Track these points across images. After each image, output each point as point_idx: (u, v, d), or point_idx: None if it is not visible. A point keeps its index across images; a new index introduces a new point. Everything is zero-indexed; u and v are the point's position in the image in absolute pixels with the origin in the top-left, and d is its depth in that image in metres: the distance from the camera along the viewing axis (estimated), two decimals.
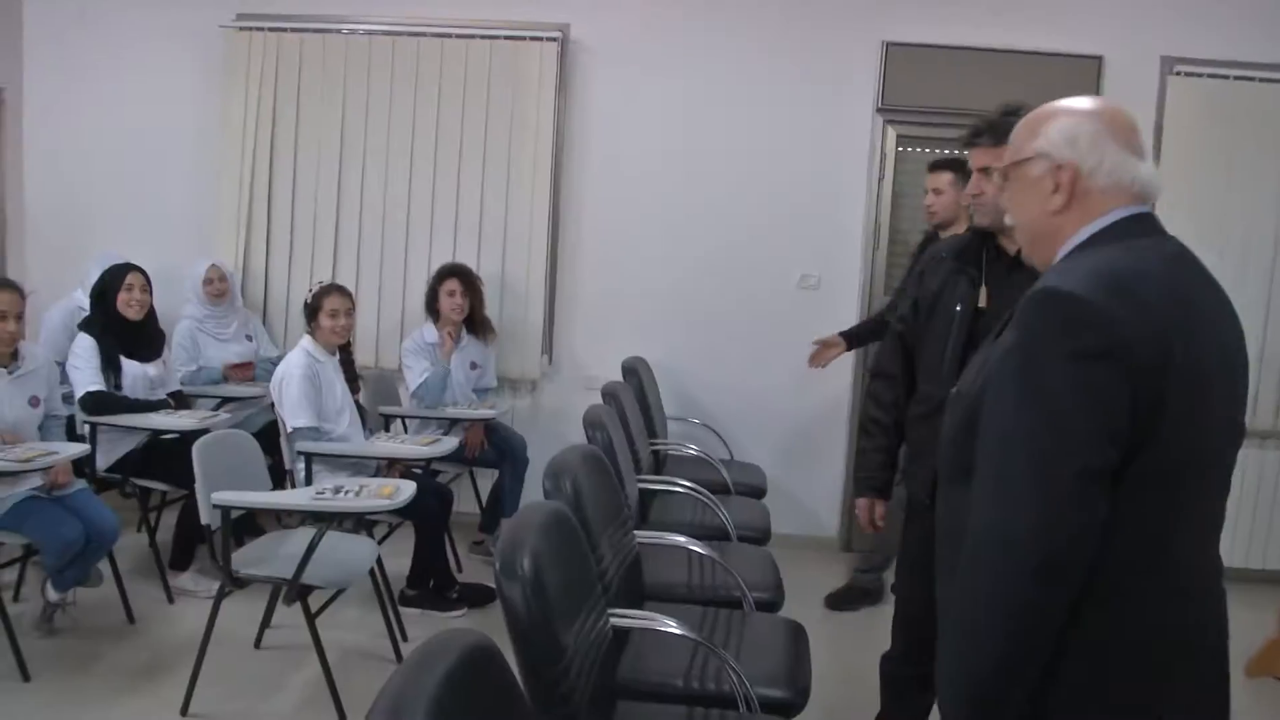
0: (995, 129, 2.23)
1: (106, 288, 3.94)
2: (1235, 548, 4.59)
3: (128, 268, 3.98)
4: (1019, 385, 1.32)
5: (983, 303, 2.35)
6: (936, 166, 3.91)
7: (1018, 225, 1.57)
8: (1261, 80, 4.48)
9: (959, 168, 3.84)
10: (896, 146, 4.73)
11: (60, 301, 4.50)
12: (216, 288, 4.56)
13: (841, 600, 4.18)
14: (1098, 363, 1.28)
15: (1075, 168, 1.44)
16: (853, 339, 4.22)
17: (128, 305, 3.92)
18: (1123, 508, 1.28)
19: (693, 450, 4.28)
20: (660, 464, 4.28)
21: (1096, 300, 1.29)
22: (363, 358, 4.83)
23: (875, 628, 2.78)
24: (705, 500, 3.51)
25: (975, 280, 2.37)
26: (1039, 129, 1.49)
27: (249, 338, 4.70)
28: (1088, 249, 1.43)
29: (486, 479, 4.67)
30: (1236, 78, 4.50)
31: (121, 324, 3.92)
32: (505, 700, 1.43)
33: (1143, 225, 1.45)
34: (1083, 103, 1.49)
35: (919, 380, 2.51)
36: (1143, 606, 1.34)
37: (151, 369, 4.00)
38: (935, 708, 1.81)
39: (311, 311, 3.78)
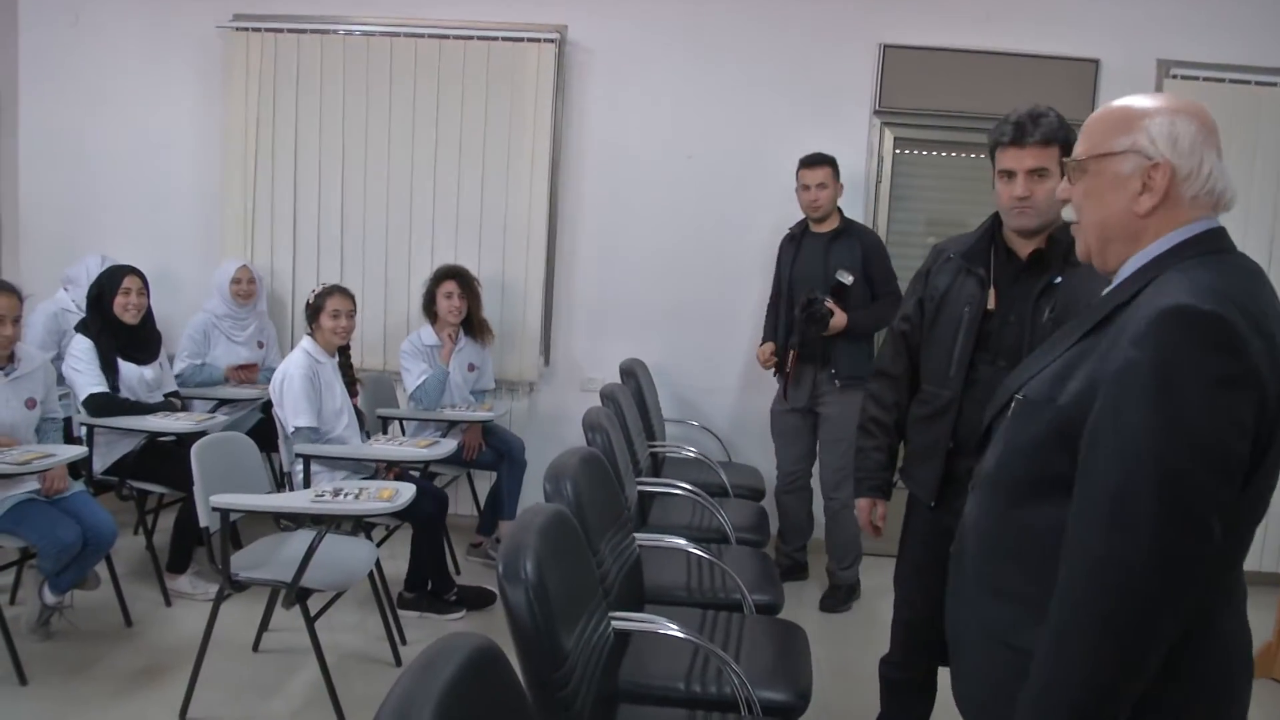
0: (1044, 128, 2.19)
1: (103, 290, 3.92)
2: None
3: (125, 270, 3.96)
4: (1153, 407, 1.22)
5: (991, 304, 2.32)
6: (813, 162, 4.13)
7: (1087, 223, 1.47)
8: (1258, 84, 4.50)
9: (834, 162, 4.11)
10: (894, 149, 4.73)
11: (43, 304, 4.48)
12: (245, 289, 4.57)
13: (832, 601, 4.19)
14: (1237, 391, 1.22)
15: (1173, 170, 1.37)
16: (773, 337, 4.34)
17: (125, 309, 3.90)
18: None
19: (691, 452, 4.28)
20: (659, 466, 4.28)
21: (1235, 321, 1.22)
22: (366, 360, 4.84)
23: (874, 628, 2.79)
24: (704, 503, 3.51)
25: (984, 281, 2.34)
26: (1134, 124, 1.39)
27: (261, 344, 4.69)
28: (1174, 261, 1.35)
29: (484, 481, 4.66)
30: (1232, 81, 4.51)
31: (118, 326, 3.90)
32: (510, 704, 1.42)
33: (1224, 240, 1.40)
34: (1177, 101, 1.41)
35: (923, 381, 2.48)
36: (1222, 630, 1.34)
37: (148, 371, 3.99)
38: (937, 713, 1.81)
39: (313, 312, 3.77)
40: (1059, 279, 2.24)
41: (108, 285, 3.93)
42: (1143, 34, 4.58)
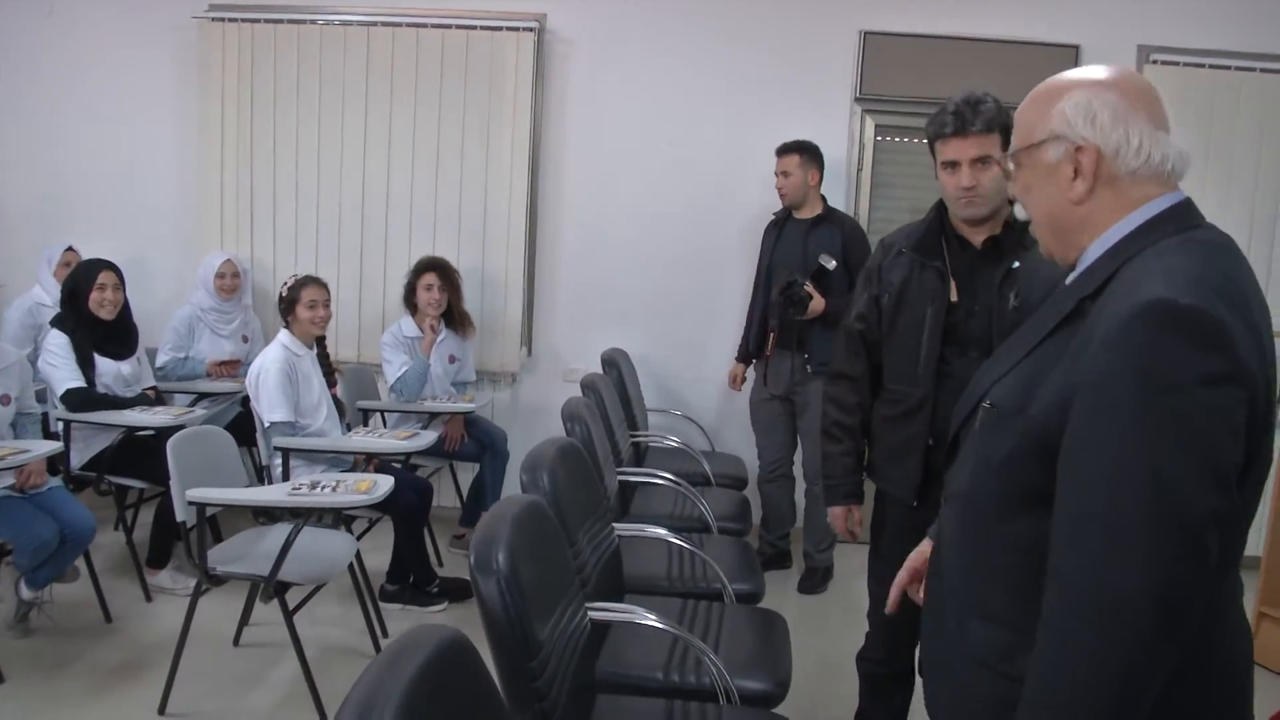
0: (983, 116, 2.18)
1: (78, 286, 3.86)
2: None
3: (100, 265, 3.91)
4: (1135, 419, 1.11)
5: (954, 296, 2.30)
6: (781, 150, 4.18)
7: (1035, 218, 1.38)
8: (1237, 69, 4.50)
9: (805, 150, 4.11)
10: (875, 136, 4.72)
11: (18, 299, 4.44)
12: (229, 283, 4.54)
13: (810, 584, 4.22)
14: (1227, 391, 1.11)
15: (1097, 149, 1.26)
16: (747, 357, 4.46)
17: (100, 305, 3.85)
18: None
19: (674, 442, 4.27)
20: (641, 456, 4.28)
21: (1220, 315, 1.11)
22: (344, 352, 4.82)
23: (855, 615, 2.78)
24: (685, 492, 3.51)
25: (943, 273, 2.31)
26: (1051, 106, 1.30)
27: (246, 338, 4.66)
28: (1141, 244, 1.24)
29: (467, 472, 4.65)
30: (1212, 66, 4.51)
31: (94, 322, 3.87)
32: (479, 696, 1.41)
33: (1192, 215, 1.28)
34: (1096, 72, 1.30)
35: (887, 380, 2.44)
36: (1225, 628, 1.27)
37: (125, 366, 3.95)
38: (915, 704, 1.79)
39: (289, 304, 3.74)
40: (1017, 264, 2.23)
41: (83, 280, 3.87)
42: (1123, 19, 4.58)
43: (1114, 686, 1.11)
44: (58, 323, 3.84)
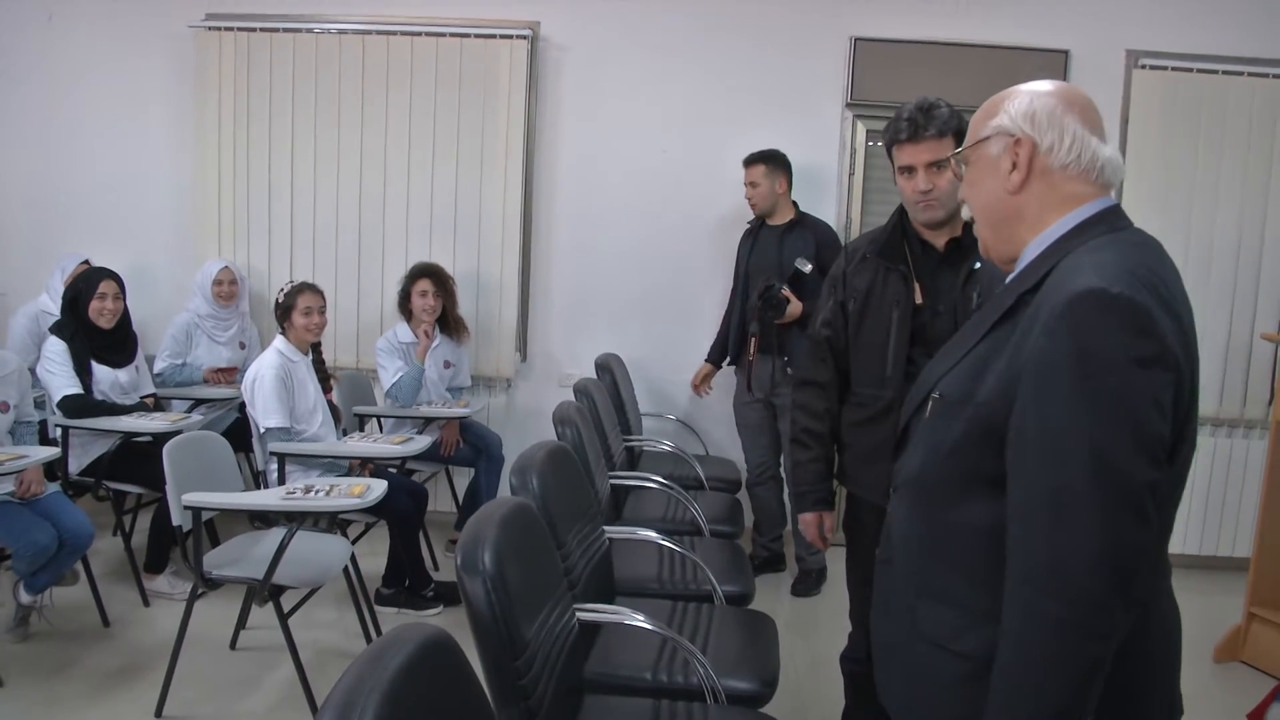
0: (937, 121, 2.22)
1: (79, 294, 3.90)
2: (1204, 536, 4.66)
3: (101, 274, 3.95)
4: (1074, 396, 1.21)
5: (919, 299, 2.33)
6: (750, 161, 4.28)
7: (977, 214, 1.50)
8: (1225, 73, 4.54)
9: (769, 159, 4.21)
10: (866, 141, 4.76)
11: (25, 306, 4.48)
12: (226, 290, 4.58)
13: (803, 587, 4.25)
14: (1155, 372, 1.21)
15: (1032, 142, 1.39)
16: (717, 360, 4.59)
17: (99, 314, 3.88)
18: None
19: (667, 446, 4.30)
20: (635, 460, 4.31)
21: (1148, 304, 1.22)
22: (342, 358, 4.86)
23: (847, 618, 2.81)
24: (677, 496, 3.54)
25: (907, 276, 2.34)
26: (997, 108, 1.44)
27: (243, 345, 4.70)
28: (1074, 243, 1.35)
29: (463, 477, 4.68)
30: (1200, 70, 4.55)
31: (93, 330, 3.90)
32: (462, 693, 1.44)
33: (1121, 218, 1.40)
34: (1042, 84, 1.44)
35: (855, 384, 2.45)
36: (1161, 608, 1.37)
37: (123, 375, 3.98)
38: None
39: (284, 310, 3.78)
40: (979, 264, 2.26)
41: (84, 289, 3.91)
42: (1111, 24, 4.62)
43: (1076, 648, 1.20)
44: (57, 330, 3.87)
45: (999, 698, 1.28)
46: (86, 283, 3.93)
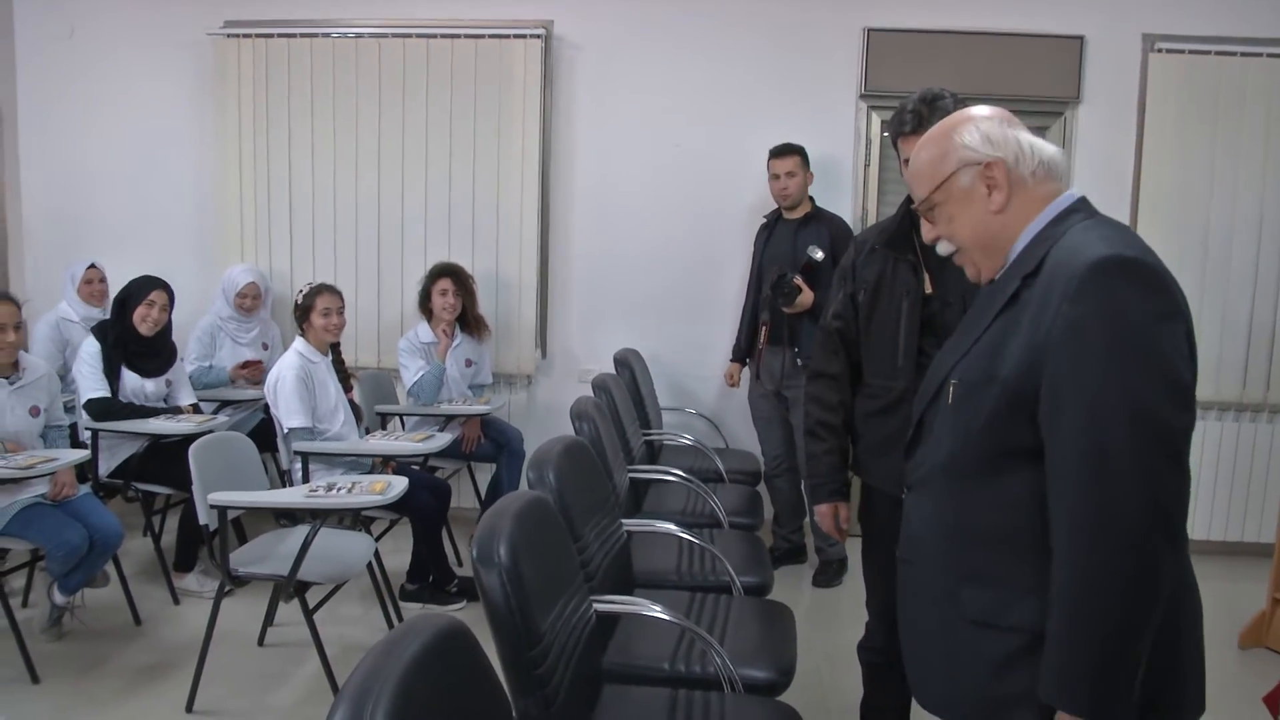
0: (940, 113, 2.17)
1: (129, 297, 3.98)
2: (1229, 522, 4.64)
3: (154, 283, 4.01)
4: (1111, 355, 1.28)
5: (928, 289, 2.32)
6: (782, 152, 4.30)
7: (963, 244, 1.54)
8: (1243, 55, 4.50)
9: (802, 151, 4.27)
10: (881, 132, 4.75)
11: (46, 315, 4.56)
12: (250, 304, 4.65)
13: (824, 577, 4.27)
14: (1177, 324, 1.31)
15: (1003, 161, 1.46)
16: (741, 356, 4.61)
17: (143, 320, 3.95)
18: None
19: (687, 440, 4.33)
20: (655, 454, 4.33)
21: (1159, 265, 1.33)
22: (364, 357, 4.92)
23: (863, 608, 2.82)
24: (696, 488, 3.56)
25: (916, 266, 2.33)
26: (946, 145, 1.50)
27: (266, 345, 4.76)
28: (1063, 227, 1.43)
29: (485, 473, 4.72)
30: (1217, 53, 4.51)
31: (132, 335, 3.97)
32: (476, 682, 1.47)
33: (1091, 205, 1.48)
34: (968, 111, 1.53)
35: (867, 375, 2.44)
36: (1189, 577, 1.41)
37: (150, 384, 4.02)
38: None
39: (304, 312, 3.83)
40: None
41: (135, 293, 3.98)
42: (1127, 8, 4.59)
43: (1131, 591, 1.27)
44: (99, 330, 3.95)
45: (1062, 655, 1.31)
46: (138, 288, 4.00)
